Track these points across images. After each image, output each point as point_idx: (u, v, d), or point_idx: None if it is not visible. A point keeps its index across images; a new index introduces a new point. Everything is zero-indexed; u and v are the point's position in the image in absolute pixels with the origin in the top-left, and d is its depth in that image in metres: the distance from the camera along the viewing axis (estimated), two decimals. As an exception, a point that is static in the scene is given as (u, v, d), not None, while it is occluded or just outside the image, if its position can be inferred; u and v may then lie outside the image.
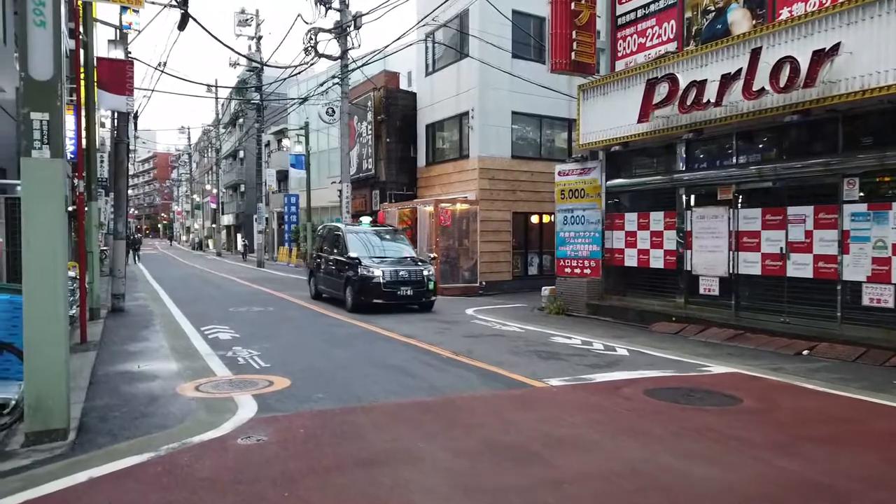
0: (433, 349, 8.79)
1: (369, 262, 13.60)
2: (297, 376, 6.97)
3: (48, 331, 4.67)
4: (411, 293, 13.56)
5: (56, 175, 4.71)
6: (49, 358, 4.67)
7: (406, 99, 23.23)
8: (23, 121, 4.65)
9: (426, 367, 7.53)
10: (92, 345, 9.00)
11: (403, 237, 16.29)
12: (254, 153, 37.14)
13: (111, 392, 6.32)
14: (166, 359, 8.09)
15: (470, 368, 7.50)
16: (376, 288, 13.23)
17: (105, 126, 27.43)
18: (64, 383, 4.75)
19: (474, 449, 4.53)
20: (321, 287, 15.83)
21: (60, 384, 4.72)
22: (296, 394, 6.22)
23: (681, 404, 5.83)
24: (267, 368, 7.46)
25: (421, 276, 13.79)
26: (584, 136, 13.68)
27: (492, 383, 6.72)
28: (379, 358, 8.16)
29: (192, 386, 6.53)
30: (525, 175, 19.96)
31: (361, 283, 13.24)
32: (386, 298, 13.29)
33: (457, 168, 20.47)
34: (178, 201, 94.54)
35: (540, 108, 19.99)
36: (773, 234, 10.39)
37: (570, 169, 14.49)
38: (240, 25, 32.16)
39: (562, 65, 13.68)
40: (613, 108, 12.86)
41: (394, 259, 14.22)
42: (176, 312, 12.95)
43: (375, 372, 7.29)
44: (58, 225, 4.72)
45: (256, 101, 31.78)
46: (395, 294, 13.38)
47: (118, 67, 11.81)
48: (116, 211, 13.40)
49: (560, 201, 14.74)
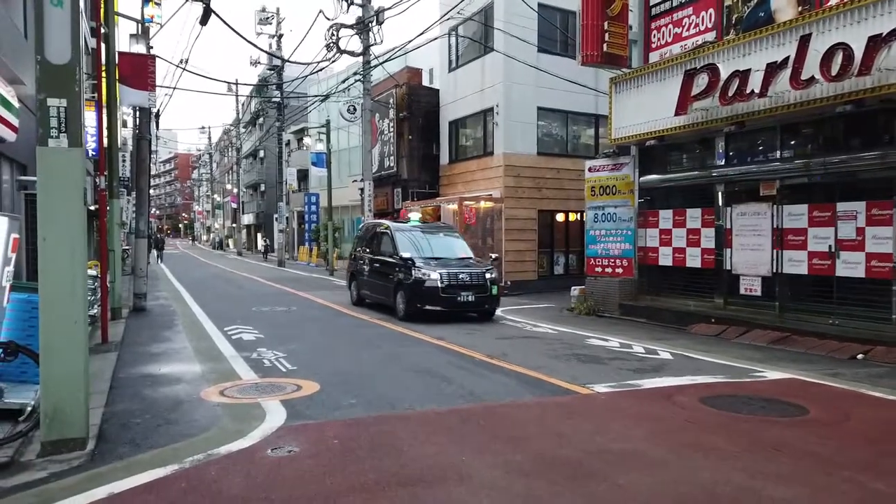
0: (466, 352, 8.39)
1: (423, 264, 11.91)
2: (325, 380, 6.62)
3: (65, 333, 4.34)
4: (472, 299, 11.74)
5: (74, 165, 4.39)
6: (66, 363, 4.35)
7: (428, 96, 22.86)
8: (39, 107, 4.33)
9: (461, 372, 7.13)
10: (113, 345, 8.73)
11: (457, 234, 14.39)
12: (274, 153, 37.03)
13: (133, 396, 6.01)
14: (190, 361, 7.78)
15: (507, 373, 7.09)
16: (433, 293, 11.50)
17: (127, 125, 27.44)
18: (83, 390, 4.42)
19: (526, 465, 4.12)
20: (364, 292, 14.09)
21: (79, 391, 4.40)
22: (325, 399, 5.86)
23: (743, 415, 5.37)
24: (294, 371, 7.12)
25: (483, 279, 11.97)
26: (617, 130, 13.20)
27: (533, 389, 6.31)
28: (409, 361, 7.78)
29: (216, 390, 6.20)
30: (550, 172, 19.48)
31: (415, 287, 11.60)
32: (444, 305, 11.56)
33: (480, 165, 20.05)
34: (199, 201, 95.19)
35: (566, 103, 19.50)
36: (820, 231, 9.85)
37: (601, 165, 14.01)
38: (260, 24, 32.03)
39: (593, 57, 13.24)
40: (648, 101, 12.37)
41: (449, 260, 12.53)
42: (198, 312, 12.70)
43: (407, 376, 6.91)
44: (76, 219, 4.40)
45: (277, 99, 31.63)
46: (454, 300, 11.60)
47: (140, 62, 11.56)
48: (138, 209, 13.19)
49: (590, 198, 14.26)
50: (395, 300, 12.25)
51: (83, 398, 4.44)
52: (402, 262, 12.01)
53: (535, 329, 10.85)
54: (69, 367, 4.37)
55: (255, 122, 49.70)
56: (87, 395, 4.51)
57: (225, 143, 66.99)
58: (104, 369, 7.10)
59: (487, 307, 12.10)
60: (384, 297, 12.93)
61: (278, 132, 32.38)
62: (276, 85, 31.92)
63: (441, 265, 11.97)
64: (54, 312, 4.32)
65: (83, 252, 4.46)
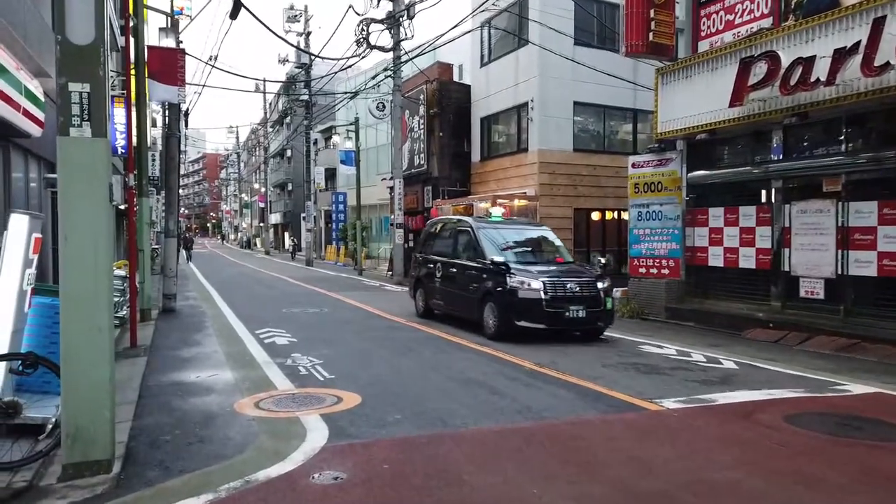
0: (512, 359, 7.85)
1: (520, 270, 9.67)
2: (366, 391, 6.13)
3: (89, 343, 3.91)
4: (583, 315, 9.44)
5: (98, 157, 3.96)
6: (90, 376, 3.92)
7: (460, 92, 22.33)
8: (59, 93, 3.90)
9: (511, 383, 6.60)
10: (142, 349, 8.37)
11: (552, 233, 11.95)
12: (301, 152, 36.87)
13: (162, 408, 5.59)
14: (221, 367, 7.37)
15: (562, 385, 6.53)
16: (535, 306, 9.22)
17: (156, 125, 27.41)
18: (108, 407, 3.99)
19: (608, 499, 3.58)
20: (436, 302, 11.74)
21: (104, 408, 3.96)
22: (369, 413, 5.37)
23: (840, 437, 4.75)
24: (332, 380, 6.65)
25: (595, 290, 9.67)
26: (663, 123, 12.54)
27: (595, 404, 5.74)
28: (453, 369, 7.27)
29: (251, 402, 5.75)
30: (587, 169, 18.82)
31: (511, 299, 9.32)
32: (549, 322, 9.30)
33: (514, 162, 19.47)
34: (227, 201, 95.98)
35: (603, 98, 18.82)
36: (891, 230, 9.11)
37: (646, 160, 13.34)
38: (288, 22, 31.82)
39: (638, 47, 12.60)
40: (698, 92, 11.70)
41: (548, 265, 10.36)
42: (228, 313, 12.35)
43: (453, 387, 6.39)
44: (100, 216, 3.97)
45: (305, 96, 31.39)
46: (561, 316, 9.32)
47: (169, 56, 11.24)
48: (168, 208, 12.88)
49: (633, 196, 13.61)
50: (480, 314, 9.99)
51: (109, 416, 4.00)
52: (494, 269, 9.78)
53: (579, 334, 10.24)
54: (93, 382, 3.94)
55: (283, 122, 49.73)
56: (113, 411, 4.07)
57: (253, 142, 67.31)
58: (133, 376, 6.72)
59: (600, 325, 9.91)
60: (464, 311, 10.75)
61: (306, 130, 32.15)
62: (304, 83, 31.68)
63: (542, 272, 9.72)
64: (76, 320, 3.90)
65: (108, 253, 4.03)
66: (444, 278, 11.48)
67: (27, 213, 4.76)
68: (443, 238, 12.24)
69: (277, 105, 50.62)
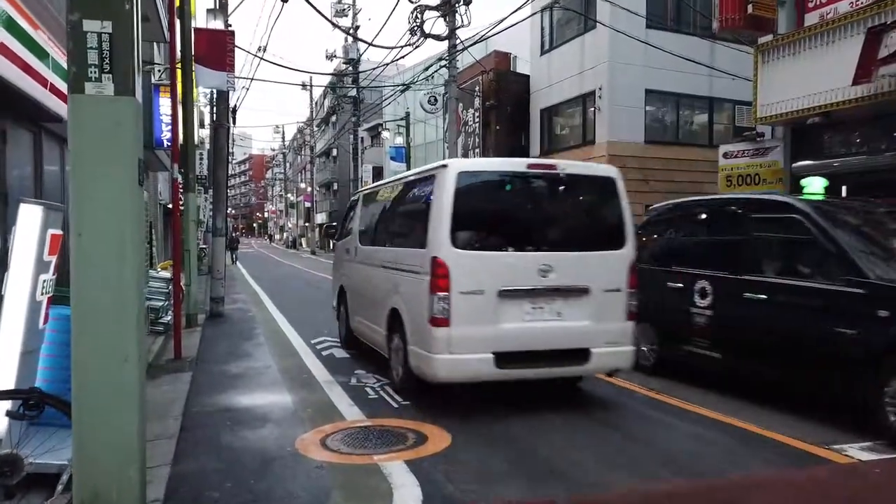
0: (612, 379, 6.59)
1: None
2: (453, 424, 4.97)
3: (110, 379, 2.85)
4: None
5: (124, 122, 2.89)
6: (111, 425, 2.87)
7: (518, 82, 21.05)
8: (70, 34, 2.85)
9: (628, 416, 5.34)
10: (187, 362, 7.41)
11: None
12: (347, 150, 36.15)
13: (208, 445, 4.54)
14: (276, 387, 6.32)
15: (697, 420, 5.24)
16: None
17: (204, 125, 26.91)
18: (135, 465, 2.93)
19: None
20: (718, 355, 6.13)
21: (129, 467, 2.90)
22: (467, 460, 4.20)
23: None
24: (408, 407, 5.52)
25: None
26: (764, 107, 11.04)
27: (754, 451, 4.45)
28: (552, 394, 6.05)
29: (316, 438, 4.65)
30: (659, 163, 17.30)
31: None
32: None
33: (579, 156, 18.02)
34: (272, 201, 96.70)
35: (677, 85, 17.31)
36: None
37: (741, 150, 11.87)
38: (336, 16, 31.07)
39: (734, 21, 11.15)
40: (809, 70, 10.19)
41: None
42: (280, 319, 11.38)
43: (561, 420, 5.17)
44: (127, 203, 2.91)
45: (353, 93, 30.61)
46: None
47: (218, 39, 10.34)
48: (215, 205, 12.03)
49: (725, 189, 12.14)
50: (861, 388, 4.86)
51: (137, 476, 2.94)
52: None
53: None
54: (116, 432, 2.88)
55: (329, 121, 49.28)
56: (142, 470, 3.01)
57: (299, 141, 67.31)
58: (175, 398, 5.72)
59: None
60: (782, 369, 5.58)
61: (354, 127, 31.36)
62: (352, 78, 30.90)
63: None
64: (93, 347, 2.84)
65: (138, 254, 2.97)
66: (749, 314, 5.83)
67: (41, 204, 3.75)
68: (717, 232, 6.79)
69: (324, 103, 50.20)
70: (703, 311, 6.20)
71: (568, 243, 5.57)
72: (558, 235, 5.69)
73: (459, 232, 5.22)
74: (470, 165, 6.50)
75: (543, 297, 5.28)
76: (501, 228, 5.62)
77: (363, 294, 7.32)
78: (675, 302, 6.55)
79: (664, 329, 6.80)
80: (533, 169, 5.76)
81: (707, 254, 6.55)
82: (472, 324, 5.12)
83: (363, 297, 7.31)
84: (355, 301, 7.75)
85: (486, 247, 5.42)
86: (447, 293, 5.05)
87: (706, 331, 6.18)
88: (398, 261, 6.03)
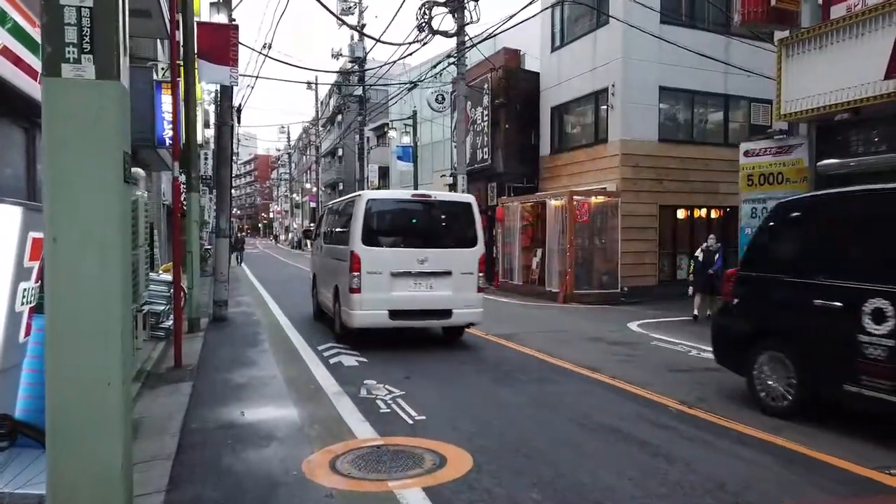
0: (644, 394, 6.19)
1: None
2: (474, 444, 4.58)
3: (89, 405, 2.47)
4: None
5: (107, 110, 2.51)
6: (91, 457, 2.48)
7: (527, 80, 20.62)
8: (45, 8, 2.47)
9: (664, 434, 4.94)
10: (188, 371, 7.04)
11: None
12: (353, 150, 35.82)
13: (207, 468, 4.16)
14: (282, 399, 5.94)
15: (737, 438, 4.84)
16: None
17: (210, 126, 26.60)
18: (120, 500, 2.54)
19: None
20: None
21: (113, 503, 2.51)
22: (491, 488, 3.81)
23: None
24: (423, 423, 5.13)
25: None
26: (788, 103, 10.60)
27: (809, 476, 4.05)
28: (572, 407, 5.66)
29: (324, 459, 4.27)
30: (674, 162, 16.88)
31: None
32: None
33: (590, 155, 17.67)
34: (278, 201, 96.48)
35: (692, 82, 16.87)
36: None
37: (762, 148, 11.44)
38: (342, 14, 30.71)
39: (756, 14, 10.77)
40: (836, 64, 9.77)
41: None
42: (285, 323, 11.01)
43: (591, 441, 4.77)
44: (111, 203, 2.53)
45: (359, 91, 30.26)
46: None
47: (221, 34, 9.97)
48: (219, 204, 11.67)
49: (746, 189, 11.71)
50: None
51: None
52: None
53: (704, 355, 8.47)
54: (96, 462, 2.50)
55: (334, 121, 48.97)
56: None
57: (304, 141, 67.09)
58: (173, 413, 5.34)
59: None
60: None
61: (360, 126, 30.99)
62: (358, 77, 30.55)
63: None
64: (70, 368, 2.47)
65: (124, 262, 2.58)
66: None
67: (21, 204, 3.38)
68: None
69: (329, 103, 49.93)
70: (879, 341, 4.62)
71: (437, 243, 8.47)
72: (431, 238, 8.54)
73: (367, 235, 8.15)
74: (375, 195, 9.89)
75: (421, 277, 8.22)
76: (394, 233, 8.67)
77: (323, 278, 10.47)
78: (830, 326, 5.07)
79: (810, 361, 5.26)
80: (416, 197, 9.31)
81: (887, 262, 4.89)
82: (375, 292, 8.02)
83: (323, 280, 10.46)
84: (319, 283, 10.93)
85: (383, 245, 8.38)
86: (359, 273, 8.01)
87: (885, 368, 4.58)
88: (338, 254, 9.04)
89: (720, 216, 17.98)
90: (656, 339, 9.68)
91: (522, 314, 13.18)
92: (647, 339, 9.81)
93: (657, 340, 9.60)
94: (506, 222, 19.35)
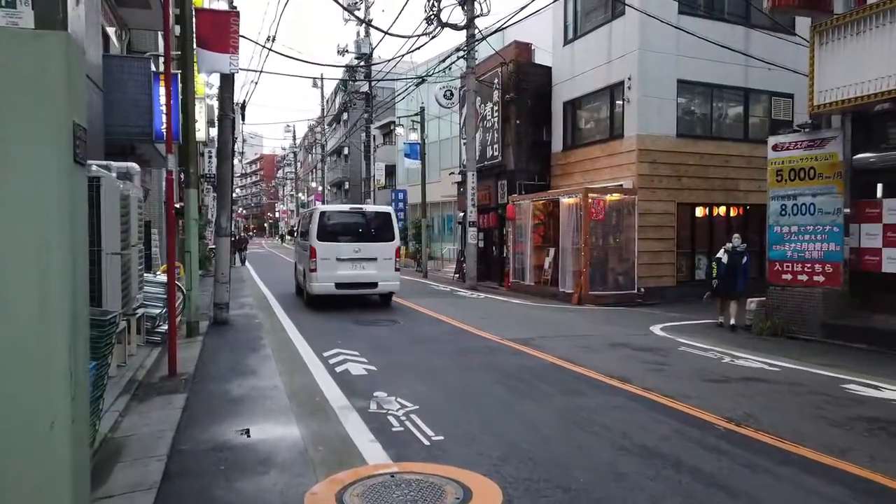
0: (684, 408, 5.59)
1: None
2: (502, 472, 4.01)
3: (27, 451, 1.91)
4: None
5: (52, 69, 1.94)
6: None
7: (539, 74, 19.98)
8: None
9: (716, 459, 4.34)
10: (182, 381, 6.48)
11: None
12: (359, 149, 35.31)
13: (196, 501, 3.60)
14: (283, 416, 5.37)
15: (800, 465, 4.24)
16: None
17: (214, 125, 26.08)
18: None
19: None
20: None
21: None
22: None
23: None
24: (440, 445, 4.56)
25: None
26: (822, 94, 9.97)
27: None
28: (611, 429, 5.06)
29: (330, 491, 3.70)
30: (692, 158, 16.25)
31: None
32: None
33: (605, 151, 17.03)
34: (283, 200, 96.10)
35: (711, 75, 16.22)
36: None
37: (793, 141, 10.81)
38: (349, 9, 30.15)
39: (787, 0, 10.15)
40: (874, 51, 9.15)
41: None
42: (289, 327, 10.46)
43: (632, 468, 4.18)
44: (53, 190, 1.95)
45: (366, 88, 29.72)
46: None
47: (221, 20, 9.42)
48: (220, 202, 11.12)
49: (775, 185, 11.08)
50: None
51: None
52: None
53: (738, 363, 7.87)
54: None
55: (340, 119, 48.47)
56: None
57: (310, 140, 66.68)
58: (163, 432, 4.78)
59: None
60: None
61: (366, 123, 30.45)
62: (364, 73, 30.01)
63: None
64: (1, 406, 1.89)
65: (72, 270, 2.01)
66: None
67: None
68: None
69: (335, 101, 49.47)
70: None
71: (367, 239, 12.64)
72: (363, 236, 12.71)
73: (321, 234, 12.30)
74: (326, 208, 13.81)
75: (357, 261, 12.31)
76: (339, 233, 12.65)
77: (298, 263, 15.02)
78: None
79: None
80: (353, 209, 14.25)
81: None
82: (326, 271, 12.12)
83: (298, 264, 14.95)
84: (296, 266, 15.44)
85: (332, 240, 12.34)
86: (316, 259, 12.08)
87: None
88: (304, 247, 13.13)
89: (740, 214, 17.34)
90: (683, 345, 9.07)
91: (536, 317, 12.59)
92: (673, 344, 9.20)
93: (685, 346, 8.99)
94: (517, 221, 18.76)
